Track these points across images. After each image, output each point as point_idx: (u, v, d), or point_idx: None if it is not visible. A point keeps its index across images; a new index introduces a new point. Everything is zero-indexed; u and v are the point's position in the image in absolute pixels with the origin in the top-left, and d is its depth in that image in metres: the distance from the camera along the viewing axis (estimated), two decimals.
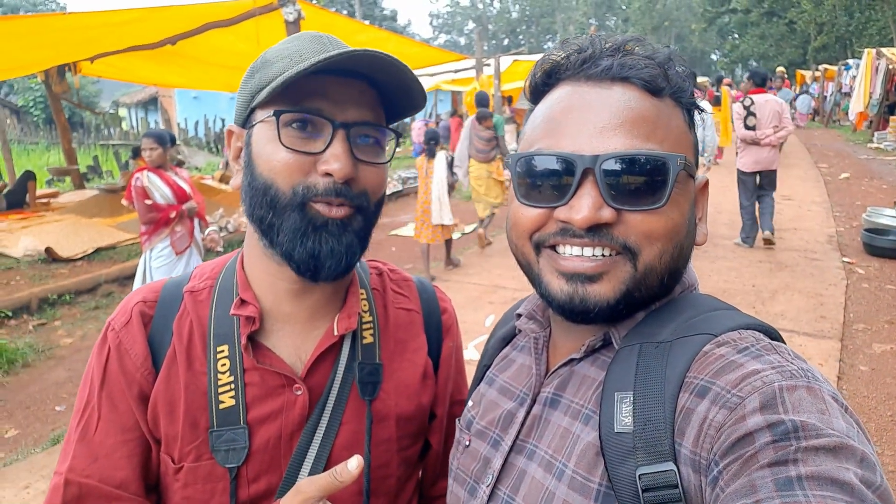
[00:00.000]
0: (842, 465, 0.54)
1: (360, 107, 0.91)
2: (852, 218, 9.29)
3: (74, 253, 8.26)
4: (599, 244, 0.73)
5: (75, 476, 0.93)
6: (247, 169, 0.93)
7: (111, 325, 0.99)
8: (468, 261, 8.08)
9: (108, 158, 19.79)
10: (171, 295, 1.02)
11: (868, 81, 18.81)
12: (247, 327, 0.96)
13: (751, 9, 40.54)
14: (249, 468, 0.95)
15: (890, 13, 27.20)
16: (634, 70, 0.74)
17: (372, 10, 49.72)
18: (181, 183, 5.29)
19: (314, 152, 0.88)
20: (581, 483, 0.71)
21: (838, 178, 12.84)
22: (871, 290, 6.31)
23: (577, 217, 0.71)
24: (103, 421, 0.95)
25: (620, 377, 0.71)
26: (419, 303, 1.15)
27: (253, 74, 0.93)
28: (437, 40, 65.99)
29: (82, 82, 28.65)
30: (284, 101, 0.88)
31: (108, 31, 7.20)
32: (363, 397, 1.01)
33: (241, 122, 0.96)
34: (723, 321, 0.73)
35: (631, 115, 0.72)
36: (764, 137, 7.55)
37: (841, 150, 17.30)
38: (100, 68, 10.07)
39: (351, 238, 0.92)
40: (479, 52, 14.57)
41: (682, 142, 0.76)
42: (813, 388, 0.61)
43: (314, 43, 0.92)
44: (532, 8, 62.07)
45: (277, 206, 0.89)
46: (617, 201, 0.71)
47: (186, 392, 0.95)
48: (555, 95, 0.79)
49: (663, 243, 0.73)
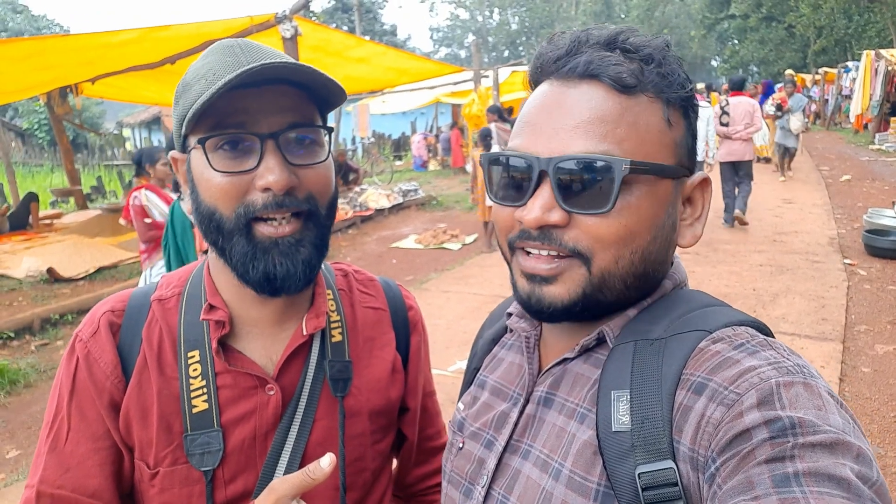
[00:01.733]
0: (838, 461, 0.54)
1: (284, 112, 0.89)
2: (853, 220, 9.25)
3: (76, 273, 8.30)
4: (547, 247, 0.73)
5: (47, 487, 0.93)
6: (192, 195, 0.94)
7: (79, 336, 0.99)
8: (468, 271, 8.07)
9: (113, 179, 19.93)
10: (139, 303, 1.03)
11: (868, 83, 18.81)
12: (217, 331, 0.97)
13: (749, 14, 40.63)
14: (225, 470, 0.96)
15: (888, 15, 27.23)
16: (603, 67, 0.72)
17: (372, 26, 50.05)
18: None
19: (248, 170, 0.88)
20: (579, 482, 0.70)
21: (839, 180, 12.80)
22: (873, 291, 6.27)
23: (527, 217, 0.72)
24: (73, 431, 0.95)
25: (616, 375, 0.71)
26: (385, 301, 1.17)
27: (178, 100, 0.93)
28: (438, 54, 66.38)
29: (86, 104, 28.91)
30: (207, 125, 0.88)
31: (108, 51, 7.28)
32: (335, 394, 1.02)
33: (181, 148, 0.96)
34: (716, 317, 0.73)
35: (590, 115, 0.71)
36: (734, 133, 9.02)
37: (842, 152, 17.25)
38: (101, 89, 10.17)
39: (307, 252, 0.93)
40: (476, 64, 14.63)
41: (651, 140, 0.73)
42: (809, 384, 0.61)
43: (226, 56, 0.90)
44: (531, 19, 62.37)
45: (224, 230, 0.90)
46: (568, 204, 0.71)
47: (159, 398, 0.96)
48: (535, 93, 0.79)
49: (617, 248, 0.72)
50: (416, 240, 10.24)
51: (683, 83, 0.76)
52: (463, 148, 16.78)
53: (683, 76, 0.76)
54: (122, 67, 8.39)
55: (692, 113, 0.78)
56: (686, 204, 0.80)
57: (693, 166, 0.79)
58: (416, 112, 25.42)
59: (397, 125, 26.93)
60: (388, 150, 23.78)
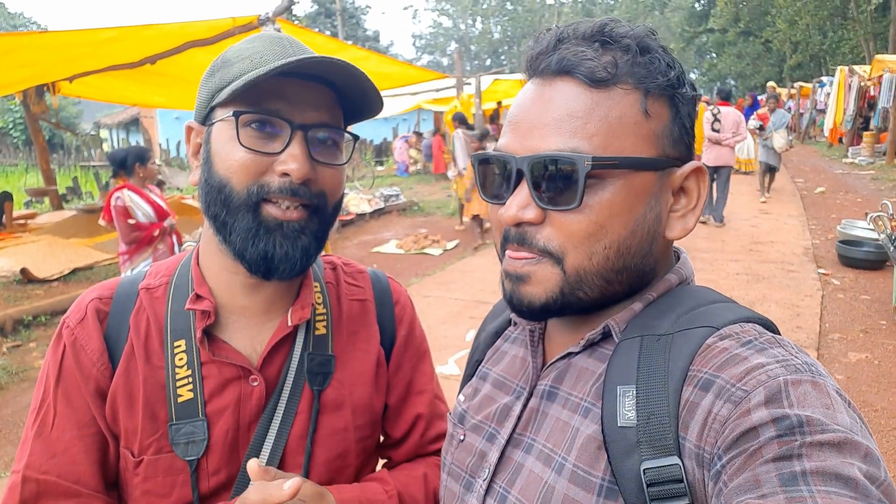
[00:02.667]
0: (846, 461, 0.54)
1: (319, 109, 0.93)
2: (828, 230, 9.42)
3: (51, 273, 8.15)
4: (522, 248, 0.75)
5: (33, 473, 0.93)
6: (204, 166, 0.95)
7: (66, 323, 0.99)
8: (449, 276, 8.08)
9: (89, 180, 19.60)
10: (126, 292, 1.03)
11: (841, 98, 19.20)
12: (202, 321, 0.98)
13: (727, 28, 41.26)
14: (209, 460, 0.96)
15: (861, 32, 27.86)
16: (575, 63, 0.72)
17: (355, 31, 50.02)
18: (158, 200, 5.26)
19: (272, 153, 0.90)
20: (583, 477, 0.70)
21: (814, 192, 13.03)
22: (846, 300, 6.39)
23: (504, 215, 0.74)
24: (60, 417, 0.95)
25: (622, 370, 0.71)
26: (372, 293, 1.17)
27: (213, 73, 0.95)
28: (420, 61, 66.47)
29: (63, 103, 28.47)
30: (244, 102, 0.90)
31: (87, 50, 7.18)
32: (311, 387, 1.02)
33: (201, 119, 0.98)
34: (724, 313, 0.72)
35: (560, 112, 0.72)
36: (725, 140, 9.79)
37: (817, 165, 17.59)
38: (79, 88, 10.01)
39: (307, 241, 0.94)
40: (459, 71, 14.68)
41: (625, 133, 0.72)
42: (818, 382, 0.61)
43: (274, 45, 0.94)
44: (513, 28, 62.76)
45: (231, 205, 0.91)
46: (542, 201, 0.72)
47: (145, 386, 0.96)
48: (518, 93, 0.80)
49: (588, 244, 0.72)
50: (398, 245, 10.22)
51: (665, 71, 0.74)
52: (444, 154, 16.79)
53: (666, 64, 0.74)
54: (102, 66, 8.28)
55: (680, 100, 0.76)
56: (679, 194, 0.78)
57: (685, 155, 0.77)
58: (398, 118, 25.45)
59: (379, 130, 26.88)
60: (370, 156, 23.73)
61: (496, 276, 0.84)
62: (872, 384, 4.56)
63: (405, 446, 1.16)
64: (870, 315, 5.93)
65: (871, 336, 5.45)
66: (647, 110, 0.73)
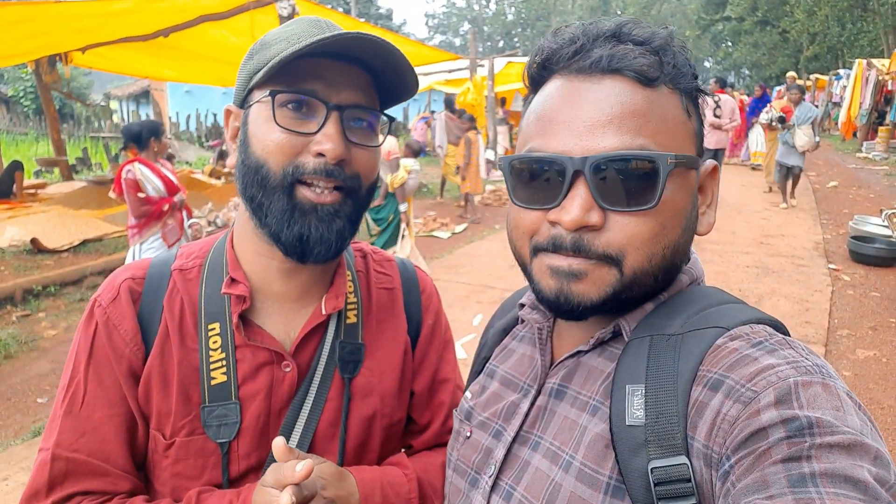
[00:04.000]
0: (856, 463, 0.54)
1: (355, 90, 0.93)
2: (839, 225, 9.36)
3: (60, 244, 8.19)
4: (578, 256, 0.72)
5: (63, 451, 0.94)
6: (242, 148, 0.95)
7: (98, 301, 0.99)
8: (457, 260, 8.07)
9: (98, 150, 19.64)
10: (159, 273, 1.03)
11: (858, 92, 18.98)
12: (238, 306, 0.98)
13: (745, 17, 40.76)
14: (240, 443, 0.97)
15: (881, 25, 27.46)
16: (625, 61, 0.71)
17: (367, 9, 49.62)
18: (169, 175, 5.25)
19: (308, 132, 0.90)
20: (590, 475, 0.70)
21: (826, 186, 12.94)
22: (856, 296, 6.36)
23: (566, 219, 0.70)
24: (90, 395, 0.96)
25: (631, 370, 0.70)
26: (400, 282, 1.17)
27: (252, 56, 0.96)
28: (433, 40, 65.96)
29: (73, 74, 28.40)
30: (280, 82, 0.90)
31: (100, 21, 7.14)
32: (342, 375, 1.03)
33: (239, 102, 0.98)
34: (734, 314, 0.72)
35: (621, 110, 0.70)
36: (725, 125, 11.21)
37: (830, 158, 17.44)
38: (91, 59, 9.98)
39: (342, 224, 0.94)
40: (473, 53, 14.57)
41: (678, 132, 0.73)
42: (828, 384, 0.61)
43: (312, 27, 0.94)
44: (528, 11, 62.17)
45: (267, 186, 0.91)
46: (607, 202, 0.70)
47: (179, 368, 0.97)
48: (547, 89, 0.76)
49: (651, 246, 0.72)
50: None
51: (694, 73, 0.75)
52: None
53: (692, 66, 0.76)
54: (115, 38, 8.24)
55: (700, 101, 0.79)
56: (699, 192, 0.80)
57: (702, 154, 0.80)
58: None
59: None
60: None
61: (504, 261, 0.84)
62: (880, 381, 4.55)
63: (427, 434, 1.17)
64: (879, 312, 5.91)
65: (879, 333, 5.43)
66: (687, 110, 0.75)
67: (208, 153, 18.62)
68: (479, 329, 5.67)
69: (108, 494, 0.94)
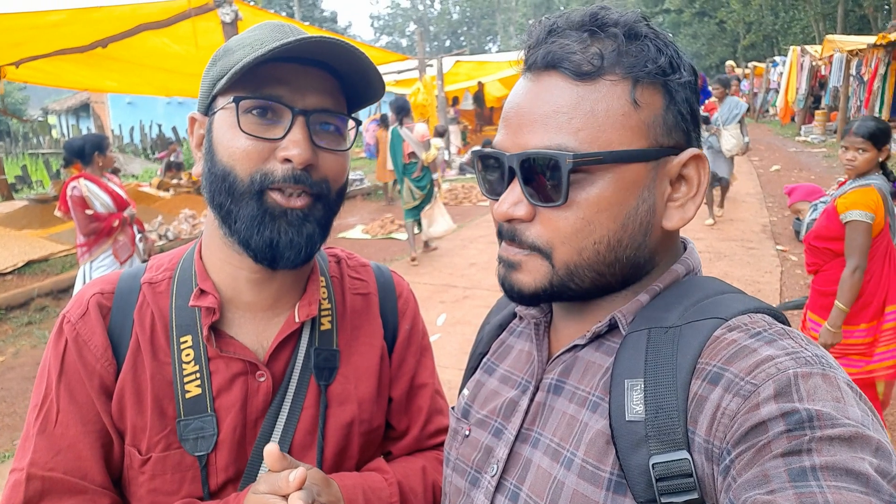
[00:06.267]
0: (857, 455, 0.53)
1: (321, 94, 0.92)
2: (784, 207, 9.67)
3: (4, 267, 7.85)
4: (512, 245, 0.76)
5: (38, 470, 0.91)
6: (207, 156, 0.94)
7: (66, 318, 0.97)
8: (418, 261, 8.06)
9: (38, 168, 18.92)
10: (128, 286, 1.01)
11: (794, 77, 19.68)
12: (208, 318, 0.97)
13: (683, 9, 41.85)
14: (219, 456, 0.96)
15: (811, 13, 28.54)
16: (560, 56, 0.71)
17: (311, 12, 49.10)
18: (117, 189, 5.08)
19: (273, 138, 0.89)
20: (591, 472, 0.69)
21: (770, 170, 13.38)
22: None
23: (497, 212, 0.75)
24: (63, 413, 0.94)
25: (630, 364, 0.70)
26: (376, 287, 1.16)
27: (215, 63, 0.94)
28: (379, 42, 65.64)
29: (8, 89, 27.27)
30: (245, 88, 0.89)
31: (34, 33, 6.87)
32: (318, 382, 1.02)
33: (204, 109, 0.97)
34: (732, 304, 0.71)
35: (547, 107, 0.71)
36: None
37: (771, 143, 18.03)
38: (26, 73, 9.58)
39: (312, 228, 0.93)
40: (421, 53, 14.58)
41: (610, 126, 0.70)
42: (828, 375, 0.60)
43: (276, 32, 0.93)
44: (472, 9, 62.48)
45: (235, 193, 0.90)
46: (532, 198, 0.73)
47: (153, 382, 0.95)
48: (513, 87, 0.79)
49: (577, 240, 0.72)
50: (364, 230, 10.16)
51: (655, 57, 0.71)
52: None
53: (656, 49, 0.72)
54: (51, 50, 7.94)
55: (674, 86, 0.73)
56: (679, 182, 0.76)
57: (683, 142, 0.75)
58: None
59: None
60: None
61: (465, 261, 0.86)
62: None
63: (406, 440, 1.15)
64: None
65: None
66: (636, 100, 0.71)
67: (155, 165, 18.14)
68: (443, 329, 5.68)
69: None
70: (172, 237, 9.10)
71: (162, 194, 11.44)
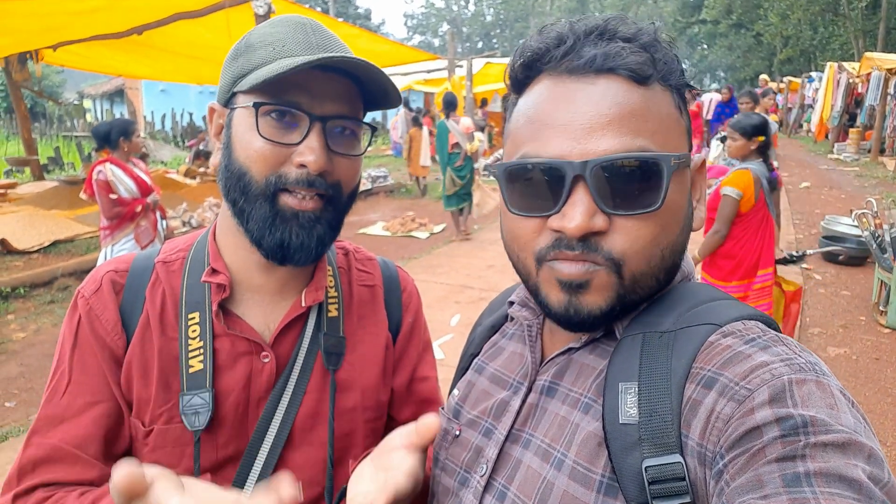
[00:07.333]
0: (850, 462, 0.53)
1: (338, 101, 0.94)
2: (811, 225, 9.52)
3: (31, 245, 8.03)
4: (587, 257, 0.70)
5: (37, 438, 0.96)
6: (225, 150, 0.97)
7: (81, 293, 1.02)
8: (436, 260, 8.07)
9: (71, 150, 19.29)
10: (142, 266, 1.05)
11: (829, 94, 19.33)
12: (218, 294, 1.00)
13: (720, 20, 41.35)
14: (218, 433, 0.98)
15: (851, 29, 28.02)
16: (619, 59, 0.69)
17: (346, 8, 49.44)
18: (142, 175, 5.16)
19: (290, 143, 0.91)
20: (582, 473, 0.69)
21: (799, 186, 13.15)
22: (827, 295, 6.48)
23: (569, 226, 0.68)
24: (73, 384, 0.98)
25: (624, 367, 0.70)
26: (381, 280, 1.19)
27: (236, 57, 0.96)
28: (412, 41, 65.85)
29: (46, 72, 27.89)
30: (265, 92, 0.91)
31: (72, 18, 7.01)
32: (327, 367, 1.05)
33: (223, 101, 0.99)
34: (726, 311, 0.71)
35: (619, 110, 0.68)
36: None
37: (803, 159, 17.73)
38: (63, 57, 9.80)
39: (322, 230, 0.96)
40: (451, 53, 14.59)
41: (674, 129, 0.72)
42: (822, 382, 0.60)
43: (297, 32, 0.95)
44: (506, 12, 62.38)
45: (249, 193, 0.93)
46: (610, 206, 0.68)
47: (160, 356, 0.98)
48: (537, 91, 0.74)
49: (650, 249, 0.70)
50: (384, 227, 10.19)
51: (681, 69, 0.74)
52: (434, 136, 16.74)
53: (677, 61, 0.74)
54: (87, 35, 8.10)
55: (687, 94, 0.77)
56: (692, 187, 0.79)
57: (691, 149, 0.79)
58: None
59: None
60: None
61: (482, 262, 0.84)
62: (850, 378, 4.64)
63: None
64: (850, 311, 6.02)
65: (850, 331, 5.53)
66: (679, 107, 0.74)
67: (184, 153, 18.41)
68: (457, 330, 5.67)
69: (71, 485, 0.94)
70: (196, 224, 9.21)
71: (188, 182, 11.60)
